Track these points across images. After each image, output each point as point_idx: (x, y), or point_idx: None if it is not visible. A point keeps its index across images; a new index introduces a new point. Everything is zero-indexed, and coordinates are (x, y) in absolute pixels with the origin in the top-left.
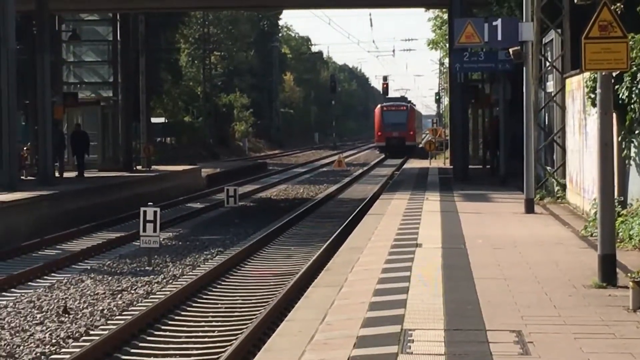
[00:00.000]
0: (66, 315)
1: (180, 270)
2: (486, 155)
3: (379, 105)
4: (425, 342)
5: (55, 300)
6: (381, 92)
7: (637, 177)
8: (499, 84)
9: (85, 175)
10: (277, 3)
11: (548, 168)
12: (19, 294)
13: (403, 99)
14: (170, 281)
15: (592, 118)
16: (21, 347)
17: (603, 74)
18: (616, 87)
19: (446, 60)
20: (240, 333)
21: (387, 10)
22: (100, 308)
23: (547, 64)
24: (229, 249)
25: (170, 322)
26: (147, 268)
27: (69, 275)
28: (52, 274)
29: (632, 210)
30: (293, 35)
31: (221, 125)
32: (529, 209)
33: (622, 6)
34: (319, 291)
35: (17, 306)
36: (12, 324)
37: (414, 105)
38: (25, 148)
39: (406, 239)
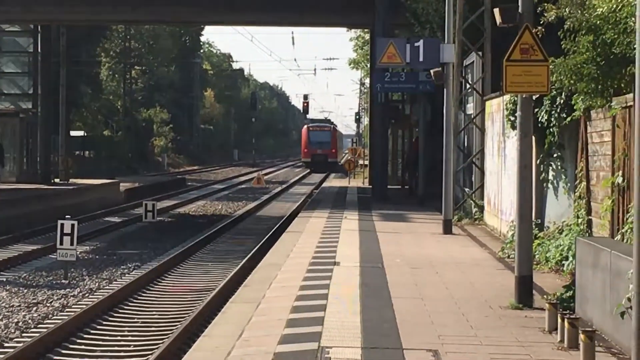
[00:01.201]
0: None
1: (97, 284)
2: (405, 176)
3: (305, 126)
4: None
5: None
6: (302, 111)
7: (555, 200)
8: (420, 105)
9: (2, 187)
10: (199, 19)
11: (466, 189)
12: None
13: (327, 120)
14: (87, 295)
15: (511, 140)
16: None
17: (523, 96)
18: (536, 110)
19: (367, 80)
20: (157, 348)
21: (309, 29)
22: (15, 320)
23: (468, 86)
24: (146, 264)
25: (85, 336)
26: (63, 281)
27: None
28: None
29: (548, 233)
30: (215, 51)
31: (141, 140)
32: (447, 229)
33: (543, 30)
34: (236, 307)
35: None
36: None
37: (336, 126)
38: None
39: (324, 257)
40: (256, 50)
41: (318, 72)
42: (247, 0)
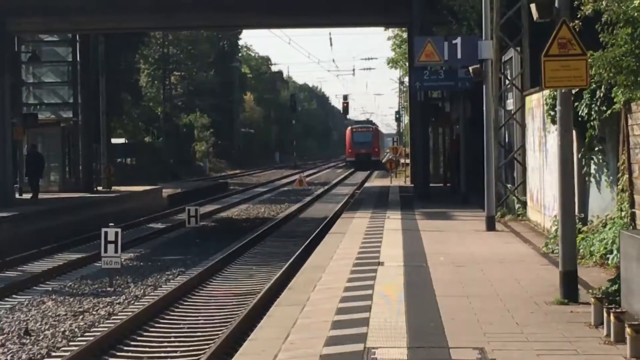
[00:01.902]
0: (27, 337)
1: (142, 291)
2: (447, 174)
3: (349, 127)
4: None
5: (17, 322)
6: (341, 112)
7: (597, 194)
8: (459, 102)
9: (46, 196)
10: (237, 23)
11: (509, 185)
12: None
13: (369, 121)
14: (132, 302)
15: (552, 135)
16: None
17: (563, 91)
18: (575, 104)
19: (406, 79)
20: (203, 353)
21: (347, 30)
22: (62, 329)
23: (507, 81)
24: (190, 269)
25: (132, 343)
26: (108, 289)
27: (30, 296)
28: (13, 296)
29: (592, 227)
30: (253, 55)
31: (182, 146)
32: (490, 226)
33: (580, 24)
34: (281, 310)
35: None
36: None
37: (377, 126)
38: None
39: (368, 258)
40: (294, 53)
41: (357, 72)
42: (284, 3)
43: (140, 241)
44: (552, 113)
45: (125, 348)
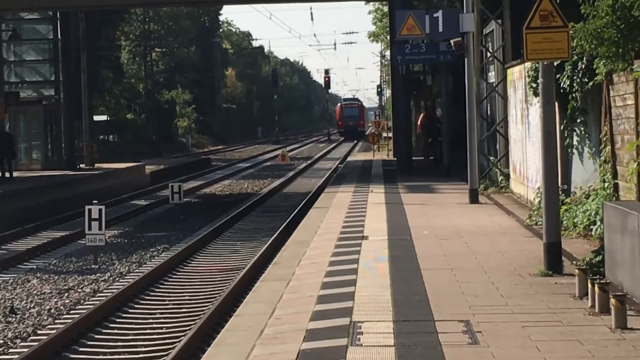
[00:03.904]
0: (13, 315)
1: (126, 268)
2: (427, 147)
3: (338, 104)
4: (374, 334)
5: (2, 301)
6: (323, 86)
7: (580, 166)
8: (441, 75)
9: (28, 174)
10: None
11: (491, 158)
12: None
13: (355, 99)
14: (117, 279)
15: (534, 107)
16: None
17: (545, 63)
18: (557, 76)
19: (387, 53)
20: (189, 329)
21: (328, 4)
22: (48, 307)
23: (489, 54)
24: (175, 246)
25: (118, 320)
26: (93, 266)
27: (15, 275)
28: None
29: (575, 199)
30: (234, 30)
31: (164, 122)
32: (474, 199)
33: None
34: (267, 285)
35: None
36: None
37: (362, 102)
38: None
39: (352, 232)
40: (275, 28)
41: (338, 46)
42: None
43: (124, 218)
44: (534, 85)
45: (111, 325)
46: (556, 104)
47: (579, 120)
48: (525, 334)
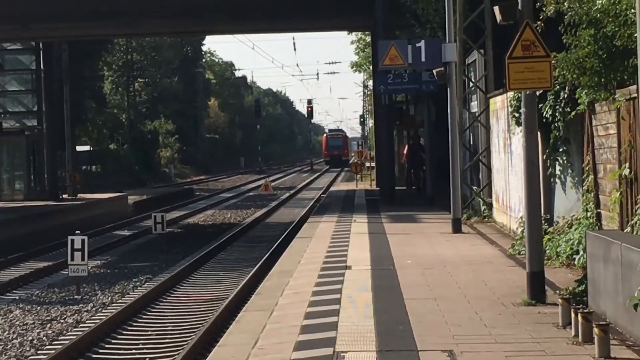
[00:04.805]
0: None
1: (109, 298)
2: (411, 177)
3: (324, 134)
4: None
5: None
6: (306, 116)
7: (563, 195)
8: (424, 105)
9: (10, 205)
10: (200, 29)
11: (474, 188)
12: None
13: (340, 130)
14: (100, 309)
15: (517, 137)
16: None
17: (527, 93)
18: (540, 105)
19: (370, 83)
20: None
21: (311, 34)
22: (30, 338)
23: (471, 84)
24: (158, 276)
25: (101, 351)
26: (76, 297)
27: None
28: None
29: (558, 228)
30: (217, 60)
31: (147, 152)
32: (457, 228)
33: (543, 25)
34: (250, 315)
35: None
36: None
37: (346, 133)
38: None
39: (335, 262)
40: (258, 58)
41: (321, 76)
42: (248, 9)
43: (107, 248)
44: (517, 115)
45: (94, 356)
46: (539, 133)
47: (561, 150)
48: None
